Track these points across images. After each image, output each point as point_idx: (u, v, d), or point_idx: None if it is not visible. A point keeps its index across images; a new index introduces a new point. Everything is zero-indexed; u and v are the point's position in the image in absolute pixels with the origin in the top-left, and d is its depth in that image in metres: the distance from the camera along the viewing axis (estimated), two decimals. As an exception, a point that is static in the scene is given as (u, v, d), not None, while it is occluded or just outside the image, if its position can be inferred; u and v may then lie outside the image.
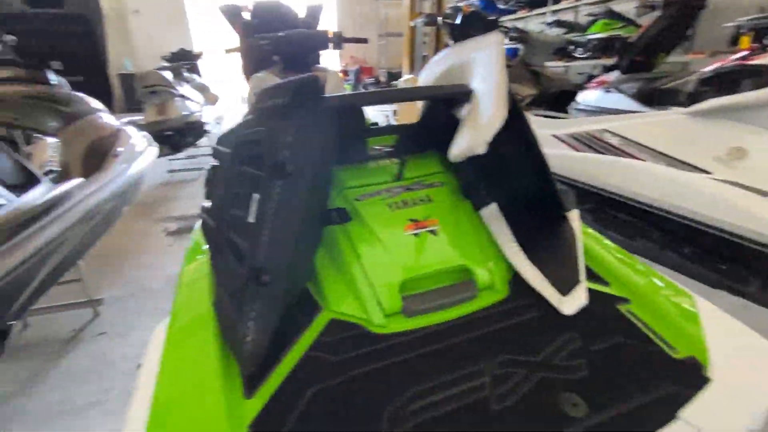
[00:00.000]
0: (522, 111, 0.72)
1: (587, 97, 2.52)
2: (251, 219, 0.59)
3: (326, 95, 0.66)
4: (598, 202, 1.79)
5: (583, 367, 0.54)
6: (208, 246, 0.79)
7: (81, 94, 2.08)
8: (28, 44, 1.98)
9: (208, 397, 0.50)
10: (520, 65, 2.56)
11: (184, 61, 5.01)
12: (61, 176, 1.65)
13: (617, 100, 2.29)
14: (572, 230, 0.73)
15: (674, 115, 1.58)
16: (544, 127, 2.05)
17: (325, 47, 1.36)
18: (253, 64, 1.49)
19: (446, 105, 0.82)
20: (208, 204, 0.87)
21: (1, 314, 1.13)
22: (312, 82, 0.58)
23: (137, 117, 3.73)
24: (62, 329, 1.78)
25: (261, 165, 0.60)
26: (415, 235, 0.71)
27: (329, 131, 0.62)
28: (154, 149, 2.28)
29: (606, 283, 0.70)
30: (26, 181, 1.27)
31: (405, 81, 3.52)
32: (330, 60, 9.48)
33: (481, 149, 0.61)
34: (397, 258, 0.67)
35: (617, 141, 1.72)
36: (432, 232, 0.72)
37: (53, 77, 2.05)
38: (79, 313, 1.86)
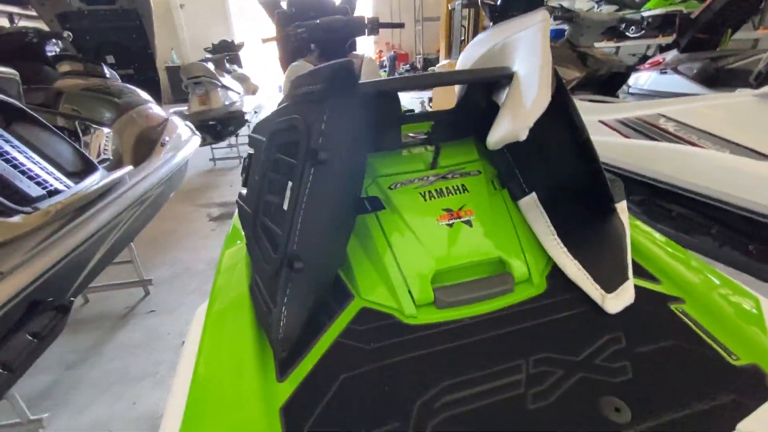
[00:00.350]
0: (567, 94, 0.67)
1: (640, 79, 2.34)
2: (285, 206, 0.60)
3: (361, 81, 0.64)
4: (648, 193, 1.67)
5: (628, 370, 0.50)
6: (244, 232, 0.82)
7: (132, 86, 2.20)
8: (84, 39, 2.12)
9: (244, 379, 0.52)
10: (565, 46, 2.41)
11: (225, 52, 5.17)
12: (114, 164, 1.76)
13: (674, 81, 2.12)
14: (620, 223, 0.68)
15: (742, 97, 1.43)
16: (590, 112, 1.93)
17: (362, 33, 1.34)
18: (290, 53, 1.50)
19: (485, 89, 0.78)
20: (244, 191, 0.89)
21: (64, 291, 1.23)
22: (346, 67, 0.57)
23: (182, 107, 3.92)
24: (117, 306, 1.94)
25: (295, 152, 0.60)
26: (449, 225, 0.69)
27: (364, 118, 0.61)
28: (197, 138, 2.38)
29: (657, 281, 0.65)
30: (84, 168, 1.37)
31: (442, 67, 3.42)
32: (364, 47, 9.44)
33: (522, 135, 0.58)
34: (430, 248, 0.66)
35: (673, 126, 1.59)
36: (467, 222, 0.69)
37: (107, 71, 2.19)
38: (132, 291, 2.02)
